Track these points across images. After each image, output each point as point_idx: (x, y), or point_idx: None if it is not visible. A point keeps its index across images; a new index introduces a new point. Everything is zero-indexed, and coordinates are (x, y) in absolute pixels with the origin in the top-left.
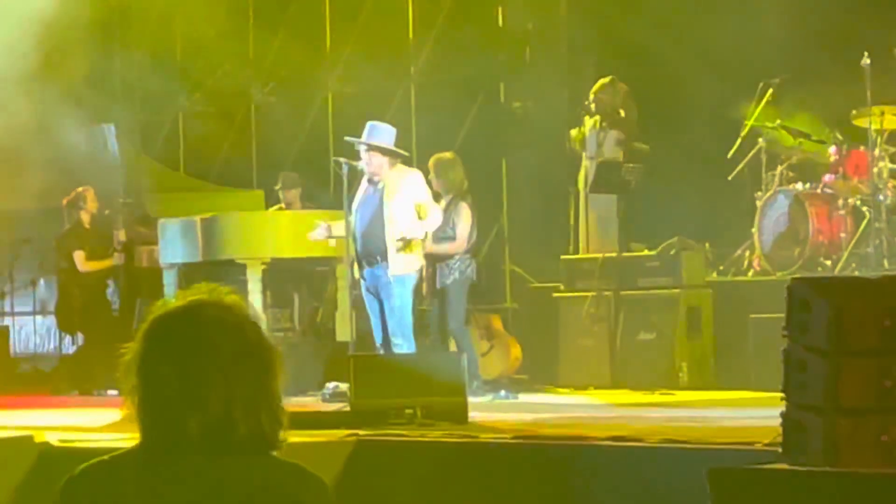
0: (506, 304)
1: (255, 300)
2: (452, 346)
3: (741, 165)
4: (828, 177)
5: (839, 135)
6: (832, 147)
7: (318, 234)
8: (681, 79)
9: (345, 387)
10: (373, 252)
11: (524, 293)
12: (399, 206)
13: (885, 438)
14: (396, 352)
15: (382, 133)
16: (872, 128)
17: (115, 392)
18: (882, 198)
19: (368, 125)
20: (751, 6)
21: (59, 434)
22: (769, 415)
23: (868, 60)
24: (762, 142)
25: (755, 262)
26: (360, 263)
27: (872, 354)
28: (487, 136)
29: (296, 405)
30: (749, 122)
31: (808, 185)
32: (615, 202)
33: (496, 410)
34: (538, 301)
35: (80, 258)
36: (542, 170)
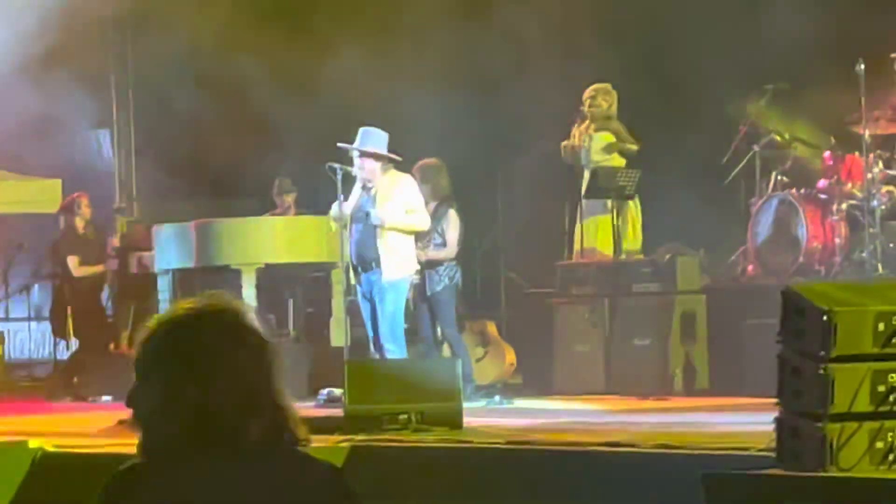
0: (500, 310)
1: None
2: (444, 353)
3: (735, 171)
4: (822, 182)
5: (833, 140)
6: (826, 152)
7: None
8: (676, 84)
9: (339, 392)
10: (367, 257)
11: (519, 299)
12: (389, 212)
13: (880, 445)
14: (389, 357)
15: (375, 138)
16: (866, 133)
17: (109, 398)
18: (876, 203)
19: (361, 131)
20: (746, 12)
21: (54, 440)
22: (763, 420)
23: (862, 66)
24: (757, 148)
25: (749, 268)
26: (356, 269)
27: (866, 360)
28: (482, 142)
29: None
30: (744, 128)
31: (803, 191)
32: (609, 208)
33: (491, 416)
34: (533, 307)
35: (74, 263)
36: (538, 176)
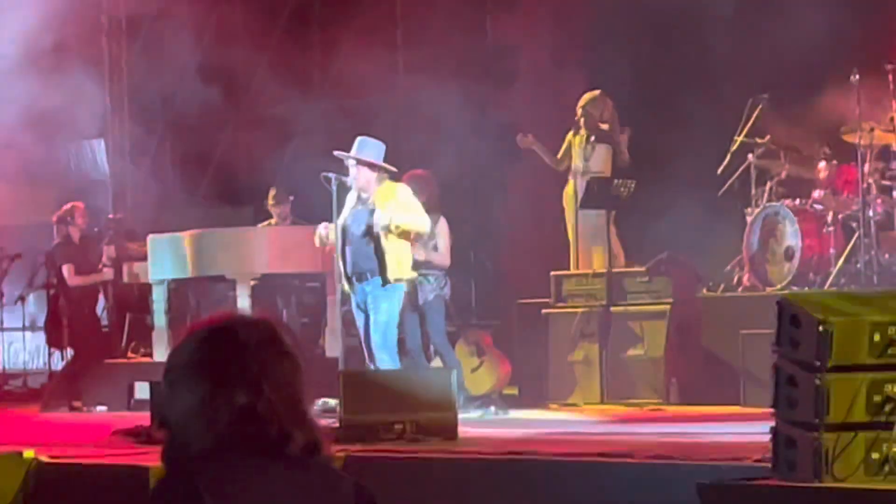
0: (495, 321)
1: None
2: (435, 363)
3: (731, 181)
4: (817, 193)
5: (828, 151)
6: (821, 163)
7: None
8: (670, 93)
9: (334, 402)
10: (363, 268)
11: (513, 309)
12: (384, 222)
13: (876, 455)
14: (381, 367)
15: (371, 148)
16: (862, 143)
17: (105, 408)
18: (871, 213)
19: (358, 140)
20: (740, 21)
21: (49, 450)
22: (759, 430)
23: (857, 76)
24: (752, 157)
25: (745, 278)
26: (350, 279)
27: (862, 370)
28: (476, 152)
29: None
30: (738, 139)
31: (798, 201)
32: (605, 218)
33: (486, 426)
34: (528, 317)
35: (69, 272)
36: (532, 185)
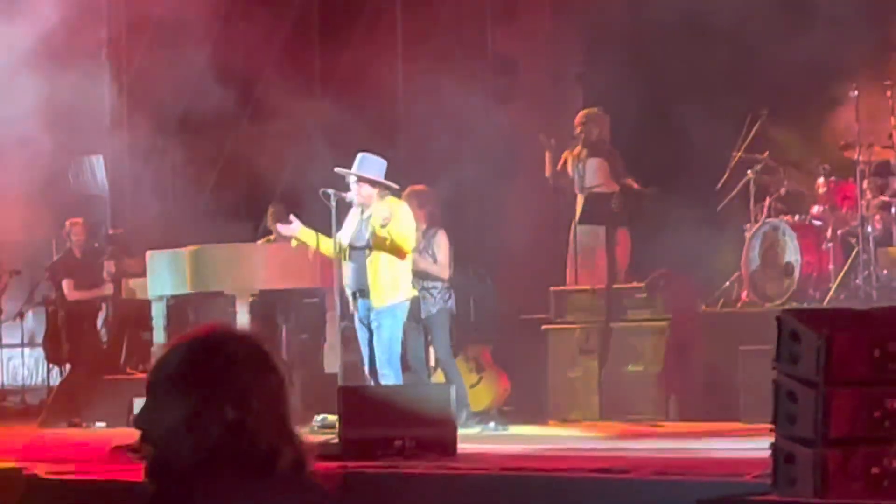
0: (494, 336)
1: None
2: (436, 377)
3: (730, 197)
4: (816, 208)
5: (827, 167)
6: (820, 178)
7: (288, 230)
8: (669, 108)
9: (333, 419)
10: (363, 283)
11: (513, 325)
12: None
13: (876, 470)
14: (383, 382)
15: (373, 165)
16: (861, 159)
17: (104, 424)
18: (870, 229)
19: (359, 156)
20: (739, 35)
21: (47, 466)
22: (759, 446)
23: (856, 92)
24: (751, 173)
25: (743, 294)
26: (354, 295)
27: (862, 385)
28: (474, 166)
29: None
30: (737, 154)
31: (797, 217)
32: (604, 234)
33: (485, 442)
34: (527, 333)
35: (69, 286)
36: (531, 200)
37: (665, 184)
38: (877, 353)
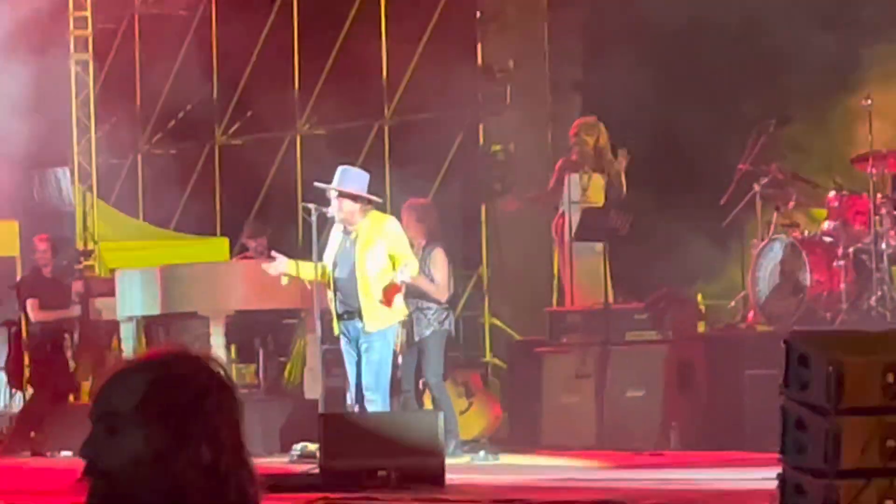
0: (486, 359)
1: (219, 355)
2: (428, 402)
3: (735, 211)
4: (827, 224)
5: (839, 180)
6: (831, 193)
7: (275, 268)
8: (671, 119)
9: (314, 447)
10: (353, 306)
11: (505, 347)
12: (373, 259)
13: (890, 503)
14: (370, 408)
15: (354, 178)
16: (873, 172)
17: (70, 453)
18: (884, 246)
19: (340, 170)
20: (745, 46)
21: (9, 497)
22: (766, 476)
23: (869, 102)
24: (757, 187)
25: (750, 315)
26: (340, 317)
27: (875, 413)
28: (466, 181)
29: (261, 467)
30: (743, 167)
31: (806, 233)
32: (602, 250)
33: (475, 473)
34: (520, 356)
35: (34, 307)
36: (525, 216)
37: (666, 198)
38: (891, 379)
